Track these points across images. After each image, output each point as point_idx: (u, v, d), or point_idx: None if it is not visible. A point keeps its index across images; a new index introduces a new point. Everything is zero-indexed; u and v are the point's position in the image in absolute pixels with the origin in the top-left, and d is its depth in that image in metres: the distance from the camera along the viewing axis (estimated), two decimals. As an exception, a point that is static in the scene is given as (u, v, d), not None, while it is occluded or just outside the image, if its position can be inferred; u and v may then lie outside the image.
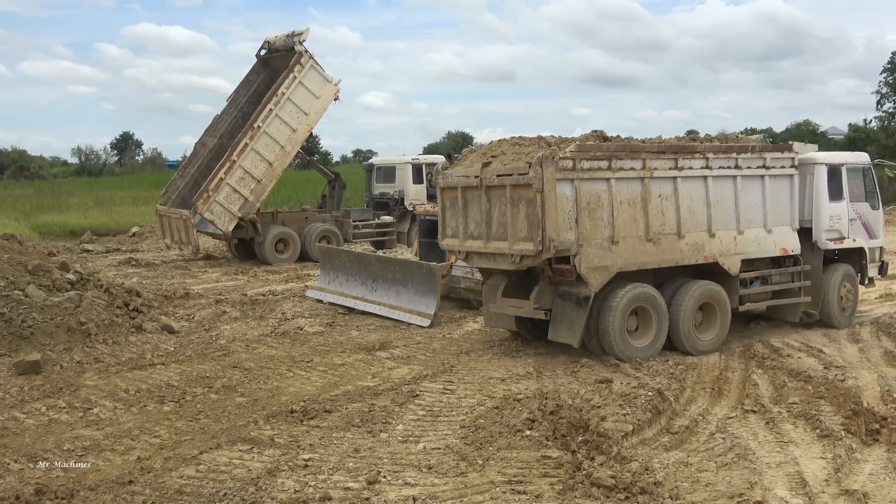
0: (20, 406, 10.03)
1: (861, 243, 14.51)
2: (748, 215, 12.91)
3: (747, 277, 13.14)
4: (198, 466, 7.92)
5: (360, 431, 8.92)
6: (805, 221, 13.84)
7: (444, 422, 9.21)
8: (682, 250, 12.18)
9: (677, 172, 12.05)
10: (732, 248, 12.72)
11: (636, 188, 11.71)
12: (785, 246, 13.45)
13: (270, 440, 8.62)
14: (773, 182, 13.21)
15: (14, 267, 14.20)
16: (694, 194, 12.29)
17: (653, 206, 11.85)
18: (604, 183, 11.39)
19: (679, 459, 8.04)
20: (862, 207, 14.56)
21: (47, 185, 56.45)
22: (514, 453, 7.97)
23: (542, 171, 10.77)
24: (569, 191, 11.09)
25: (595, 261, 11.31)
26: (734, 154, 12.70)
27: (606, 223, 11.43)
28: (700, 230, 12.35)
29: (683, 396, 10.20)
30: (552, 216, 10.83)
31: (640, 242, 11.76)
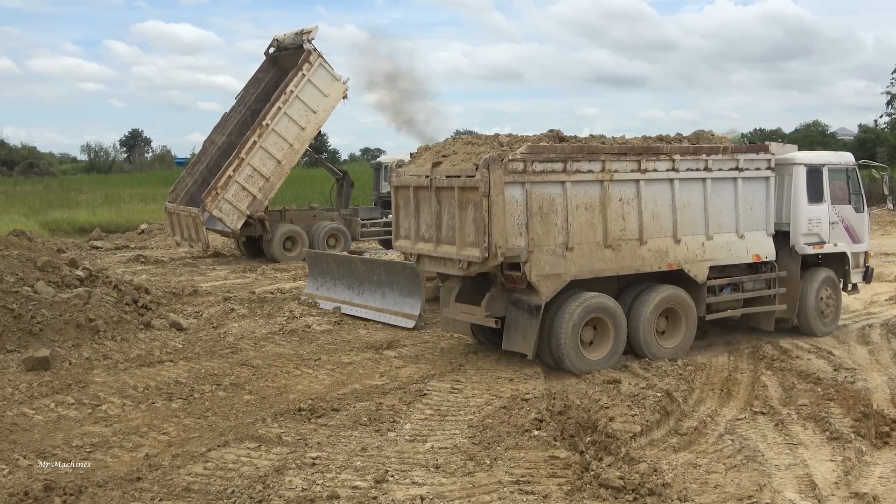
0: (29, 402, 10.06)
1: (843, 248, 13.86)
2: (718, 220, 12.33)
3: (716, 285, 12.58)
4: (206, 464, 7.93)
5: (368, 430, 8.92)
6: (783, 225, 13.29)
7: (451, 421, 9.20)
8: (644, 257, 11.65)
9: (640, 175, 11.51)
10: (700, 254, 12.16)
11: (594, 191, 11.18)
12: (758, 252, 12.82)
13: (278, 438, 8.63)
14: (746, 185, 12.59)
15: (23, 263, 14.24)
16: (658, 198, 11.75)
17: (612, 210, 11.31)
18: (558, 186, 10.87)
19: (688, 461, 8.02)
20: (845, 210, 13.91)
21: (57, 182, 56.69)
22: (522, 453, 7.96)
23: (488, 174, 10.29)
24: (519, 194, 10.58)
25: (547, 268, 10.81)
26: (703, 155, 12.11)
27: (560, 228, 10.92)
28: (664, 236, 11.82)
29: (692, 397, 10.18)
30: (499, 221, 10.37)
31: (597, 249, 11.23)
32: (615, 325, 11.39)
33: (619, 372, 11.05)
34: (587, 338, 11.32)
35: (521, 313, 11.11)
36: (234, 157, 23.13)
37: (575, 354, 11.05)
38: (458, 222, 10.91)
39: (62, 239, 29.86)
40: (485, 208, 10.32)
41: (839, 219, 13.77)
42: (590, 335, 11.36)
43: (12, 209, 36.61)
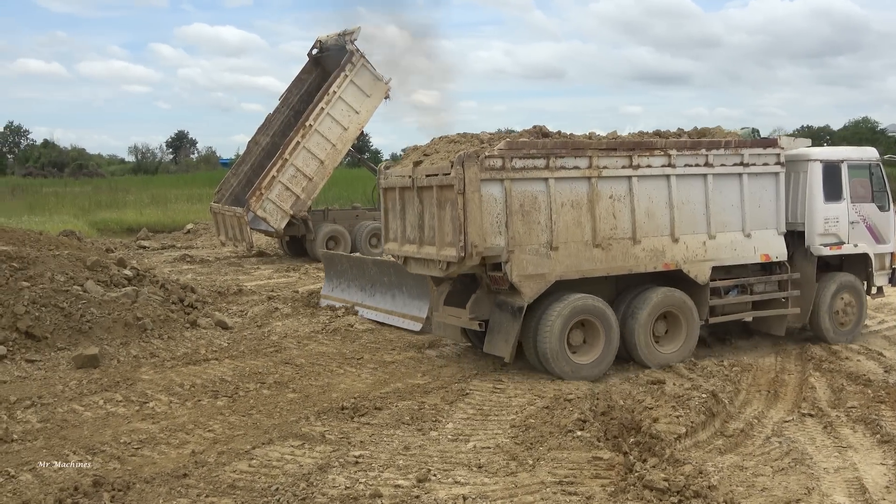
0: (79, 399, 10.26)
1: (864, 249, 13.05)
2: (722, 218, 11.80)
3: (721, 286, 12.00)
4: (250, 461, 8.01)
5: (410, 429, 8.94)
6: (798, 225, 12.67)
7: (494, 421, 9.19)
8: (638, 257, 11.17)
9: (632, 171, 11.06)
10: (701, 254, 11.63)
11: (581, 189, 10.78)
12: (767, 252, 12.21)
13: (321, 436, 8.69)
14: (753, 181, 12.01)
15: (73, 263, 14.53)
16: (654, 195, 11.28)
17: (602, 208, 10.90)
18: (541, 183, 10.52)
19: (734, 463, 7.91)
20: (867, 209, 13.11)
21: (105, 183, 57.78)
22: (565, 454, 7.92)
23: (462, 171, 10.00)
24: (497, 192, 10.27)
25: (529, 268, 10.47)
26: (703, 150, 11.60)
27: (544, 227, 10.56)
28: (661, 234, 11.33)
29: (738, 399, 10.04)
30: (475, 220, 10.08)
31: (585, 248, 10.82)
32: (605, 329, 10.96)
33: (663, 372, 10.94)
34: (576, 341, 10.96)
35: (504, 315, 10.80)
36: (278, 157, 23.36)
37: (561, 358, 10.67)
38: (438, 222, 10.69)
39: (110, 239, 30.43)
40: (460, 206, 10.06)
41: (860, 218, 13.03)
42: (579, 338, 10.99)
43: (62, 210, 37.40)
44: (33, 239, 16.43)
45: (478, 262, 10.28)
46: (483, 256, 10.26)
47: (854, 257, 13.15)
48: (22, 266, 13.64)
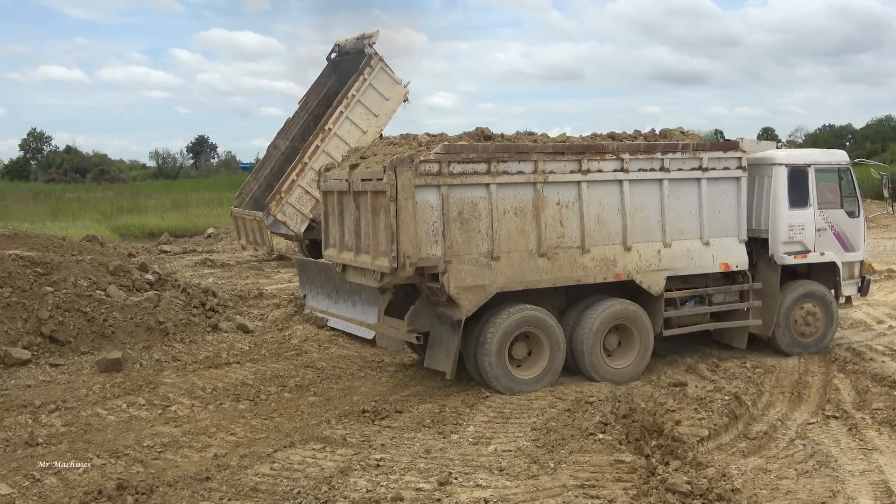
0: (102, 403, 10.34)
1: (832, 257, 12.42)
2: (678, 225, 11.21)
3: (677, 297, 11.47)
4: (272, 464, 8.04)
5: (431, 432, 8.94)
6: (762, 232, 12.13)
7: (514, 424, 9.17)
8: (587, 266, 10.64)
9: (581, 176, 10.49)
10: (655, 263, 11.05)
11: (526, 195, 10.25)
12: (727, 260, 11.62)
13: (343, 439, 8.71)
14: (712, 186, 11.42)
15: (96, 268, 14.65)
16: (605, 201, 10.73)
17: (548, 215, 10.37)
18: (482, 189, 10.00)
19: (757, 466, 7.85)
20: (835, 215, 12.47)
21: (126, 188, 58.20)
22: (587, 457, 7.88)
23: (395, 177, 9.47)
24: (433, 198, 9.75)
25: (468, 279, 9.95)
26: (658, 154, 11.00)
27: (484, 236, 10.04)
28: (612, 243, 10.79)
29: (761, 401, 9.97)
30: (408, 228, 9.53)
31: (529, 258, 10.30)
32: (550, 342, 10.47)
33: (685, 374, 10.88)
34: (520, 354, 10.48)
35: (444, 328, 10.25)
36: (298, 161, 23.43)
37: (501, 373, 10.20)
38: (372, 230, 10.18)
39: (132, 243, 30.66)
40: (392, 214, 9.51)
41: (828, 225, 12.39)
42: (522, 352, 10.50)
43: (85, 215, 37.71)
44: (56, 244, 16.57)
45: (411, 274, 9.77)
46: (418, 267, 9.75)
47: (822, 266, 12.56)
48: (46, 271, 13.78)
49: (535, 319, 10.42)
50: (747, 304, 11.92)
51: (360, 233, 10.50)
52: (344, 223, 10.98)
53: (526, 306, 10.38)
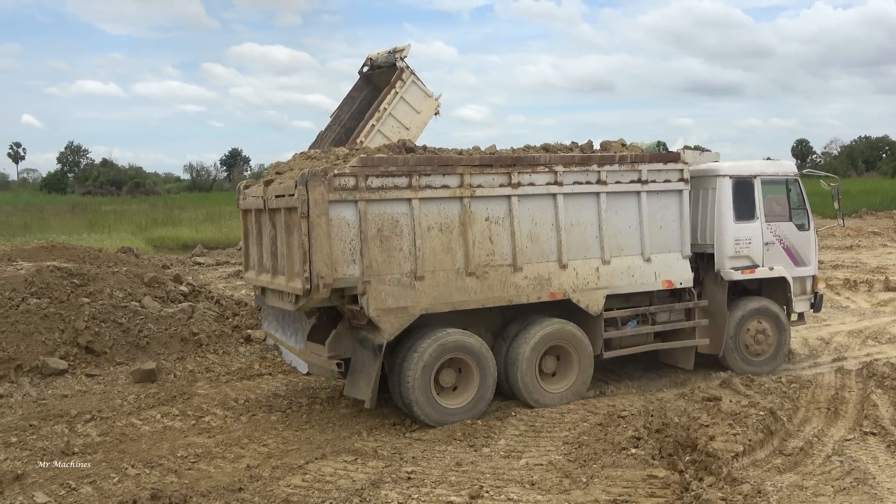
0: (137, 413, 10.46)
1: (781, 272, 11.93)
2: (617, 241, 10.69)
3: (617, 317, 10.96)
4: (304, 476, 8.07)
5: (462, 445, 8.93)
6: (708, 247, 11.64)
7: (546, 437, 9.13)
8: (520, 286, 10.07)
9: (511, 190, 9.96)
10: (593, 281, 10.52)
11: (452, 210, 9.69)
12: (670, 277, 11.09)
13: (374, 452, 8.72)
14: (652, 200, 10.89)
15: (131, 279, 14.84)
16: (538, 216, 10.19)
17: (476, 231, 9.81)
18: (403, 204, 9.43)
19: (793, 482, 7.72)
20: (784, 228, 11.98)
21: (161, 201, 59.02)
22: (619, 472, 7.82)
23: (306, 192, 8.88)
24: (350, 215, 9.15)
25: (389, 301, 9.33)
26: (594, 166, 10.46)
27: (407, 254, 9.46)
28: (546, 260, 10.25)
29: (797, 416, 9.81)
30: (322, 247, 8.93)
31: (456, 277, 9.71)
32: (480, 367, 9.87)
33: (719, 389, 10.75)
34: (448, 382, 9.85)
35: (365, 353, 9.54)
36: (330, 174, 23.58)
37: (426, 401, 9.56)
38: (287, 249, 9.54)
39: (166, 255, 30.99)
40: (304, 232, 8.92)
41: (776, 238, 11.89)
42: (451, 379, 9.88)
43: (121, 227, 38.22)
44: (93, 256, 16.84)
45: (327, 296, 9.12)
46: (335, 289, 9.15)
47: (772, 281, 12.09)
48: (82, 282, 13.99)
49: (462, 344, 9.80)
50: (693, 322, 11.43)
51: (276, 253, 9.84)
52: (262, 243, 10.34)
53: (452, 331, 9.77)
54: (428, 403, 9.61)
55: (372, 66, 27.49)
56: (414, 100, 24.64)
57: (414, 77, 24.52)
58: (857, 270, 21.49)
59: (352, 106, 27.55)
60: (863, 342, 13.68)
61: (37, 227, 35.19)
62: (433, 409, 9.64)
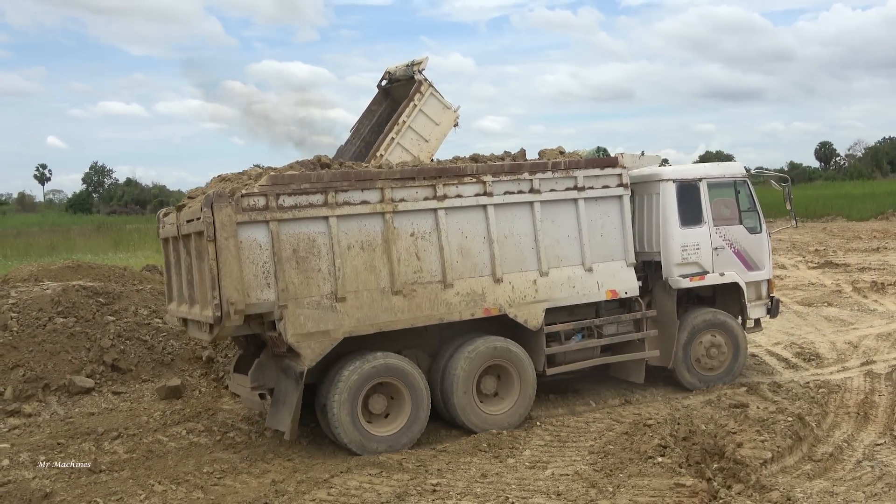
0: (163, 430, 10.51)
1: (733, 277, 11.48)
2: (556, 251, 10.26)
3: (560, 331, 10.48)
4: (329, 490, 8.07)
5: (487, 456, 8.89)
6: (655, 254, 11.25)
7: (571, 447, 9.07)
8: (451, 303, 9.62)
9: (437, 203, 9.55)
10: (530, 294, 10.06)
11: (374, 227, 9.28)
12: (614, 287, 10.64)
13: (399, 464, 8.70)
14: (591, 207, 10.46)
15: (156, 297, 14.95)
16: (468, 229, 9.77)
17: (401, 248, 9.40)
18: (320, 223, 9.02)
19: (824, 489, 7.62)
20: (734, 232, 11.55)
21: (185, 218, 59.29)
22: (646, 480, 7.75)
23: (212, 214, 8.45)
24: (262, 236, 8.74)
25: (308, 325, 8.90)
26: (526, 174, 10.04)
27: (326, 275, 9.03)
28: (479, 275, 9.81)
29: (826, 422, 9.69)
30: (232, 271, 8.48)
31: (382, 296, 9.28)
32: (412, 392, 9.44)
33: (746, 395, 10.64)
34: (378, 408, 9.44)
35: (288, 382, 9.15)
36: (350, 188, 23.66)
37: (352, 430, 9.11)
38: (199, 276, 9.10)
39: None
40: (212, 256, 8.49)
41: (726, 243, 11.47)
42: (382, 405, 9.47)
43: (145, 245, 38.49)
44: (118, 274, 16.97)
45: (240, 323, 8.70)
46: (249, 315, 8.75)
47: (725, 288, 11.71)
48: (108, 301, 14.11)
49: (391, 368, 9.37)
50: (642, 334, 10.95)
51: (192, 281, 9.34)
52: (180, 271, 9.83)
53: (380, 354, 9.36)
54: (354, 431, 9.13)
55: (390, 80, 27.62)
56: (433, 112, 24.68)
57: (432, 89, 24.57)
58: (885, 273, 21.21)
59: (371, 119, 27.66)
60: (892, 345, 13.48)
61: (63, 248, 35.54)
62: (361, 437, 9.18)
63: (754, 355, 13.21)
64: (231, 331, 8.97)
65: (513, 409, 10.04)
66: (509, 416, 9.99)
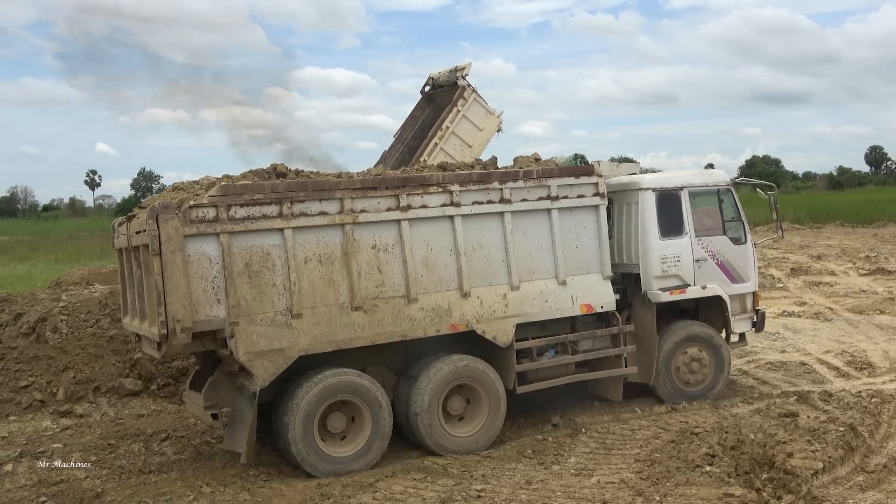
0: (210, 432, 10.63)
1: (716, 290, 11.00)
2: (527, 264, 9.81)
3: (532, 347, 9.99)
4: (374, 494, 8.10)
5: (532, 463, 8.86)
6: (634, 266, 10.80)
7: (617, 455, 8.99)
8: (415, 318, 9.18)
9: (401, 214, 9.11)
10: (500, 309, 9.61)
11: (332, 239, 8.86)
12: (590, 301, 10.15)
13: (444, 469, 8.70)
14: (565, 217, 10.00)
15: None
16: (433, 241, 9.34)
17: (361, 261, 8.97)
18: (274, 235, 8.59)
19: (877, 501, 7.48)
20: (717, 243, 11.06)
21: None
22: (694, 490, 7.65)
23: (157, 227, 8.06)
24: (212, 250, 8.33)
25: (261, 343, 8.47)
26: (495, 183, 9.60)
27: (281, 290, 8.60)
28: (445, 289, 9.37)
29: (879, 432, 9.48)
30: (178, 286, 8.07)
31: (340, 312, 8.85)
32: (372, 411, 9.00)
33: (796, 404, 10.46)
34: (337, 428, 9.00)
35: (243, 402, 8.74)
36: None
37: (308, 450, 8.71)
38: (147, 290, 8.68)
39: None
40: (157, 271, 8.09)
41: (709, 254, 10.96)
42: (340, 424, 9.02)
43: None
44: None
45: (187, 341, 8.30)
46: (199, 332, 8.38)
47: (708, 301, 11.19)
48: (156, 304, 14.32)
49: (349, 386, 8.93)
50: (619, 349, 10.46)
51: (143, 295, 8.93)
52: (133, 285, 9.39)
53: (337, 371, 8.93)
54: (310, 452, 8.74)
55: (434, 86, 27.72)
56: (476, 117, 24.69)
57: (476, 95, 24.58)
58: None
59: (414, 125, 27.78)
60: (947, 354, 13.16)
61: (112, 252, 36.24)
62: (318, 459, 8.78)
63: (804, 363, 13.00)
64: (179, 349, 8.55)
65: (481, 430, 9.57)
66: (478, 437, 9.54)
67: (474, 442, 9.48)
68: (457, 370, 9.45)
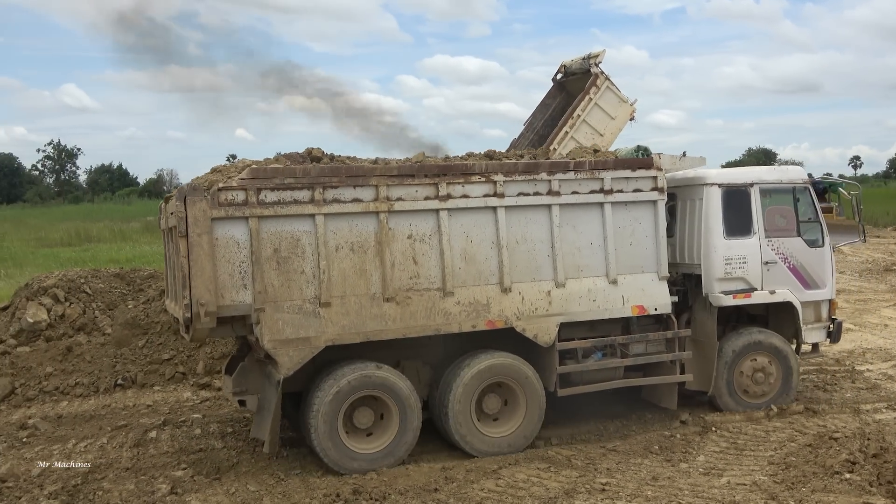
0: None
1: (786, 296, 10.19)
2: (575, 260, 9.29)
3: (578, 348, 9.47)
4: (497, 480, 8.14)
5: (659, 459, 8.69)
6: (696, 266, 10.10)
7: (749, 456, 8.70)
8: (450, 312, 8.80)
9: (439, 203, 8.74)
10: (543, 307, 9.13)
11: (367, 227, 8.56)
12: (642, 302, 9.54)
13: (568, 461, 8.66)
14: (620, 212, 9.45)
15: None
16: (473, 233, 8.94)
17: (396, 251, 8.65)
18: (305, 221, 8.35)
19: None
20: (791, 245, 10.25)
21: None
22: (832, 497, 7.31)
23: (184, 209, 7.95)
24: (240, 234, 8.16)
25: (287, 331, 8.26)
26: (544, 174, 9.12)
27: (310, 277, 8.37)
28: (484, 283, 8.96)
29: None
30: (203, 270, 7.96)
31: (371, 303, 8.55)
32: (400, 407, 8.72)
33: (947, 413, 9.83)
34: (364, 423, 8.74)
35: (269, 390, 8.60)
36: (523, 181, 23.70)
37: (332, 445, 8.49)
38: (174, 272, 8.71)
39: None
40: (183, 253, 7.98)
41: (780, 257, 10.18)
42: (367, 419, 8.76)
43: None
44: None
45: (213, 325, 8.16)
46: (228, 317, 8.27)
47: (780, 307, 10.39)
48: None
49: (376, 381, 8.68)
50: (674, 355, 9.82)
51: (177, 276, 8.74)
52: (172, 266, 9.27)
53: (366, 364, 8.69)
54: (334, 447, 8.53)
55: (566, 73, 27.44)
56: (608, 106, 24.27)
57: (609, 83, 24.14)
58: None
59: (545, 113, 27.57)
60: None
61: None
62: (341, 454, 8.57)
63: (957, 370, 12.17)
64: (206, 332, 8.40)
65: (517, 431, 9.21)
66: (512, 439, 9.18)
67: (507, 444, 9.14)
68: (492, 367, 9.11)
